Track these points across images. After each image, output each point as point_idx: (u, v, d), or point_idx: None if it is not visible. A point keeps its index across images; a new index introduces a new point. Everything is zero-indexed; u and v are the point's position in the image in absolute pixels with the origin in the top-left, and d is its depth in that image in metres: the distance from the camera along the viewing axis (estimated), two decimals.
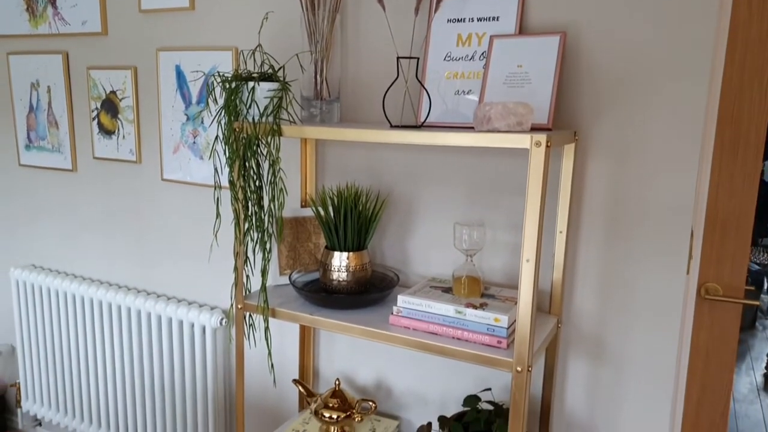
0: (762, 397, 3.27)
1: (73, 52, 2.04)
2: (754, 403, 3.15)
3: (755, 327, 3.77)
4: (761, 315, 3.82)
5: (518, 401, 1.14)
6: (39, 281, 2.16)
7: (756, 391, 3.21)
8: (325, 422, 1.49)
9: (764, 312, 3.84)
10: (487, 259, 1.48)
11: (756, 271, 3.69)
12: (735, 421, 2.88)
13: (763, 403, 3.20)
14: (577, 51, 1.31)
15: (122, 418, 2.07)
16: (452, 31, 1.40)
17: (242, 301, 1.44)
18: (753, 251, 4.05)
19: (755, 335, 3.78)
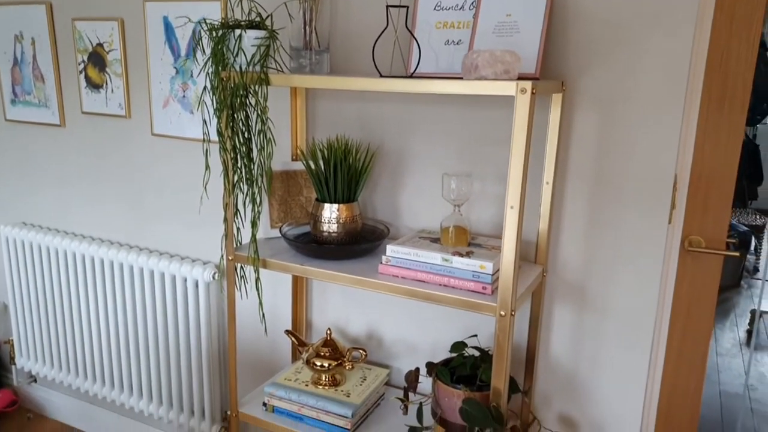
0: (743, 351, 3.35)
1: (57, 2, 2.00)
2: (736, 356, 3.24)
3: (740, 285, 3.84)
4: (747, 274, 3.90)
5: (502, 344, 1.17)
6: (30, 238, 2.17)
7: (738, 346, 3.29)
8: (317, 370, 1.52)
9: (750, 271, 3.91)
10: (475, 210, 1.50)
11: (744, 231, 3.74)
12: (717, 374, 2.96)
13: (744, 357, 3.28)
14: (566, 1, 1.30)
15: (116, 372, 2.11)
16: None
17: (233, 252, 1.46)
18: (742, 213, 4.10)
19: (740, 293, 3.86)
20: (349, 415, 1.42)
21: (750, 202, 3.98)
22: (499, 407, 1.18)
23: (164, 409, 2.02)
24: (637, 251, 1.36)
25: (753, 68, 1.47)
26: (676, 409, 1.79)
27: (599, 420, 1.46)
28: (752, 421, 2.41)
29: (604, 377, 1.44)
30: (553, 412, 1.50)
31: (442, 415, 1.30)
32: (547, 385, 1.50)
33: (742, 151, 4.25)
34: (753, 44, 1.46)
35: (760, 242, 3.97)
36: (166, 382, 2.00)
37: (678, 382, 1.76)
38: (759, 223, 3.86)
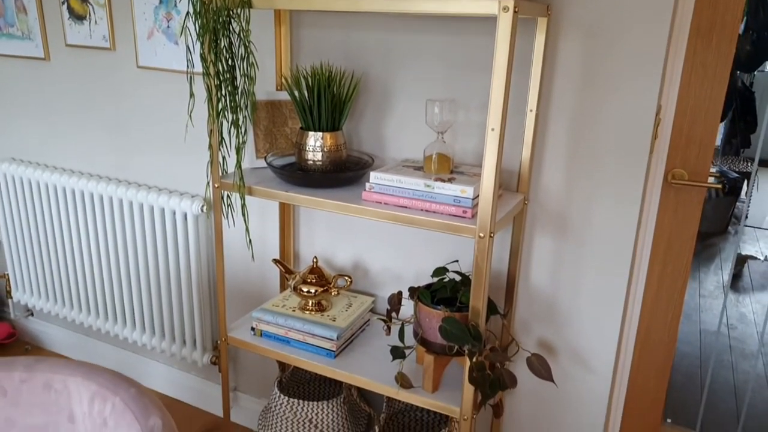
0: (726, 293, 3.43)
1: None
2: (718, 298, 3.30)
3: (728, 231, 3.89)
4: (735, 221, 3.94)
5: (480, 265, 1.20)
6: (19, 173, 2.18)
7: (722, 288, 3.36)
8: (304, 296, 1.56)
9: (738, 218, 3.95)
10: (460, 141, 1.51)
11: (734, 178, 3.76)
12: (699, 314, 3.03)
13: (727, 299, 3.36)
14: None
15: (110, 304, 2.15)
16: None
17: (219, 180, 1.47)
18: (734, 160, 4.11)
19: (727, 239, 3.92)
20: (335, 337, 1.47)
21: (742, 150, 3.99)
22: (477, 326, 1.23)
23: (157, 339, 2.08)
24: (617, 181, 1.38)
25: (743, 1, 1.45)
26: (654, 337, 1.85)
27: (576, 345, 1.51)
28: (730, 356, 2.49)
29: (582, 304, 1.48)
30: (533, 337, 1.55)
31: (423, 336, 1.35)
32: (526, 311, 1.54)
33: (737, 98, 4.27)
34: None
35: (749, 189, 4.00)
36: (158, 314, 2.05)
37: (657, 312, 1.82)
38: (750, 170, 3.87)
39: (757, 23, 3.62)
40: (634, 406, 1.94)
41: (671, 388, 2.09)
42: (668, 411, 2.01)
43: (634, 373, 1.91)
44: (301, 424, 1.61)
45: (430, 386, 1.35)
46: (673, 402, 2.08)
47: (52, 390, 0.89)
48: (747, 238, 4.09)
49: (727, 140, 3.93)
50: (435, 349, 1.34)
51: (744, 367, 2.50)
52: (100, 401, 0.87)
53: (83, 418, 0.87)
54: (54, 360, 0.93)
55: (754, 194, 4.21)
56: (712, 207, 3.62)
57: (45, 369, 0.91)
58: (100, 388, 0.88)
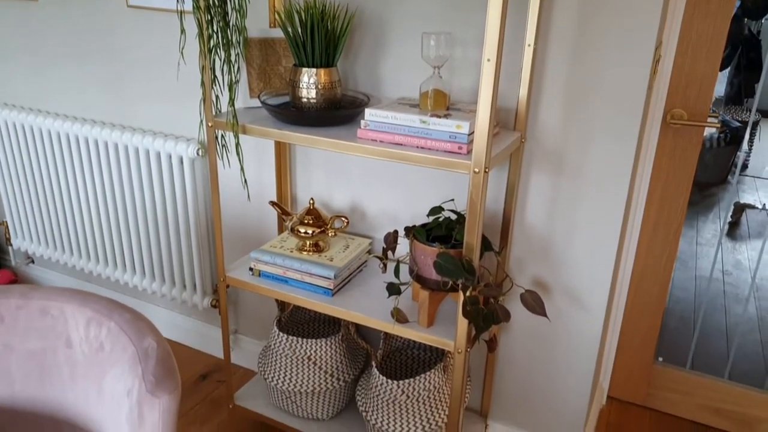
0: (723, 240, 3.44)
1: None
2: (716, 246, 3.32)
3: (727, 181, 3.87)
4: (734, 169, 3.91)
5: (475, 201, 1.20)
6: (13, 118, 2.16)
7: (718, 236, 3.38)
8: (301, 237, 1.57)
9: (739, 167, 3.92)
10: (457, 78, 1.48)
11: (737, 127, 3.71)
12: (696, 261, 3.06)
13: (724, 247, 3.38)
14: None
15: (110, 250, 2.17)
16: None
17: (212, 118, 1.46)
18: (737, 110, 4.05)
19: (727, 189, 3.91)
20: (332, 276, 1.48)
21: (746, 100, 3.92)
22: (471, 261, 1.24)
23: (157, 284, 2.10)
24: (614, 118, 1.36)
25: None
26: (648, 278, 1.87)
27: (570, 283, 1.53)
28: (723, 301, 2.52)
29: (577, 243, 1.49)
30: (527, 275, 1.57)
31: (419, 272, 1.36)
32: (521, 250, 1.55)
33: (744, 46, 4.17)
34: None
35: (751, 139, 3.96)
36: (157, 258, 2.06)
37: (652, 253, 1.83)
38: (753, 120, 3.82)
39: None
40: (627, 344, 1.98)
41: (664, 331, 2.13)
42: (661, 351, 2.05)
43: (628, 312, 1.94)
44: (300, 362, 1.64)
45: (425, 321, 1.37)
46: (666, 343, 2.12)
47: (49, 316, 0.91)
48: (746, 187, 4.08)
49: (730, 89, 3.86)
50: (430, 285, 1.35)
51: (737, 311, 2.54)
52: (96, 326, 0.88)
53: (80, 343, 0.89)
54: (49, 288, 0.94)
55: (755, 144, 4.18)
56: (712, 157, 3.59)
57: (40, 296, 0.93)
58: (95, 313, 0.89)
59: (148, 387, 0.78)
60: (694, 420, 1.99)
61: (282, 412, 1.73)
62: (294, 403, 1.69)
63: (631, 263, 1.86)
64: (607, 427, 1.95)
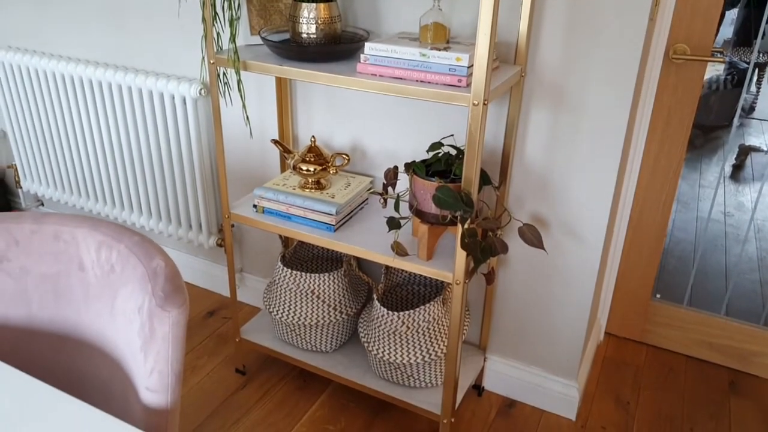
0: (726, 183, 3.45)
1: None
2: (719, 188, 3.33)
3: (732, 124, 3.84)
4: (743, 113, 3.87)
5: (474, 134, 1.22)
6: (17, 61, 2.16)
7: (722, 179, 3.38)
8: (303, 175, 1.60)
9: (746, 110, 3.88)
10: (457, 12, 1.47)
11: (744, 69, 3.66)
12: (698, 203, 3.07)
13: (728, 189, 3.39)
14: None
15: (116, 190, 2.21)
16: None
17: (213, 56, 1.46)
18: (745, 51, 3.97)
19: (732, 132, 3.87)
20: (334, 212, 1.52)
21: (755, 41, 3.85)
22: (469, 193, 1.26)
23: (164, 224, 2.15)
24: (614, 53, 1.35)
25: None
26: (647, 215, 1.90)
27: (569, 219, 1.56)
28: (724, 241, 2.55)
29: (575, 178, 1.51)
30: (526, 210, 1.60)
31: (418, 207, 1.39)
32: (521, 186, 1.58)
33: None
34: None
35: (759, 81, 3.90)
36: (163, 199, 2.10)
37: (651, 191, 1.85)
38: (761, 61, 3.75)
39: None
40: (625, 281, 2.02)
41: (663, 269, 2.17)
42: (659, 288, 2.09)
43: (627, 250, 1.97)
44: (304, 296, 1.70)
45: (424, 254, 1.41)
46: (664, 281, 2.16)
47: (61, 240, 0.95)
48: (753, 131, 4.05)
49: (739, 29, 3.78)
50: (429, 219, 1.38)
51: (737, 251, 2.57)
52: (107, 249, 0.92)
53: (92, 266, 0.93)
54: (60, 214, 0.98)
55: (764, 86, 4.11)
56: (718, 99, 3.55)
57: (53, 221, 0.96)
58: (105, 237, 0.93)
59: (157, 302, 0.82)
60: (690, 354, 2.06)
61: (287, 345, 1.81)
62: (298, 336, 1.75)
63: (631, 200, 1.88)
64: (604, 361, 2.02)
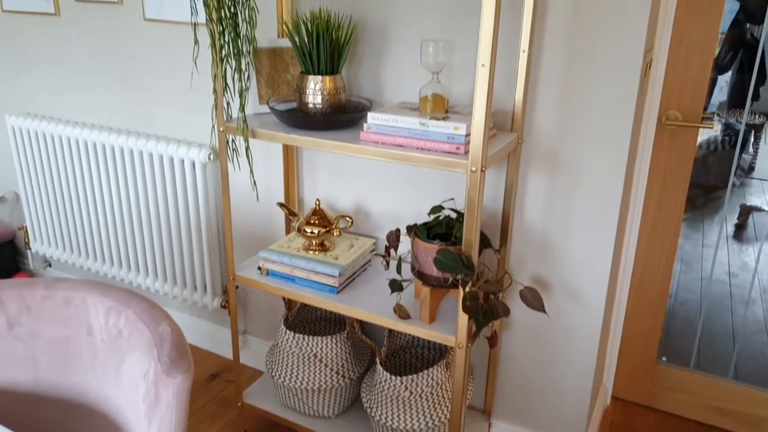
0: (729, 243, 3.45)
1: None
2: (722, 248, 3.33)
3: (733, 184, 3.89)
4: (741, 173, 3.93)
5: (473, 199, 1.25)
6: (34, 127, 2.25)
7: (725, 239, 3.39)
8: (307, 237, 1.63)
9: (745, 170, 3.94)
10: (456, 83, 1.54)
11: (740, 130, 3.74)
12: (701, 263, 3.07)
13: (731, 249, 3.39)
14: None
15: (124, 252, 2.25)
16: None
17: (223, 123, 1.53)
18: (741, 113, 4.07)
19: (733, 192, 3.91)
20: (337, 274, 1.54)
21: (751, 103, 3.95)
22: (470, 256, 1.29)
23: (169, 285, 2.17)
24: (607, 120, 1.41)
25: None
26: (649, 277, 1.91)
27: (569, 281, 1.57)
28: (729, 302, 2.54)
29: (575, 241, 1.53)
30: (527, 273, 1.61)
31: (420, 269, 1.42)
32: (521, 248, 1.60)
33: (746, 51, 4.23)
34: None
35: (757, 142, 3.98)
36: (170, 260, 2.13)
37: (652, 252, 1.87)
38: (758, 123, 3.84)
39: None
40: (630, 343, 2.01)
41: (669, 332, 2.16)
42: (665, 351, 2.07)
43: (630, 312, 1.97)
44: (306, 359, 1.70)
45: (427, 317, 1.42)
46: (671, 343, 2.14)
47: (72, 306, 0.97)
48: (753, 190, 4.09)
49: (733, 92, 3.89)
50: (431, 281, 1.41)
51: (743, 312, 2.56)
52: (115, 314, 0.94)
53: (100, 331, 0.96)
54: (72, 279, 1.01)
55: (761, 147, 4.18)
56: (717, 159, 3.62)
57: (64, 287, 0.99)
58: (114, 302, 0.96)
59: (163, 368, 0.84)
60: (699, 420, 2.02)
61: (289, 410, 1.79)
62: (301, 401, 1.74)
63: (632, 262, 1.90)
64: (612, 426, 1.98)
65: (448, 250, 1.32)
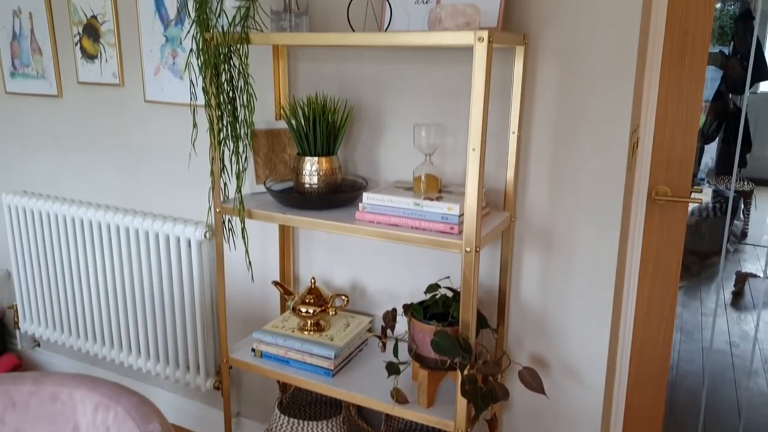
0: (728, 311, 3.43)
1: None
2: (720, 316, 3.31)
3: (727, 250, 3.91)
4: (734, 239, 3.97)
5: (468, 279, 1.25)
6: (30, 206, 2.26)
7: (723, 306, 3.37)
8: (302, 317, 1.61)
9: (737, 236, 3.98)
10: (449, 163, 1.58)
11: (734, 198, 3.80)
12: (701, 332, 3.04)
13: (729, 317, 3.36)
14: None
15: (116, 332, 2.21)
16: None
17: (220, 204, 1.54)
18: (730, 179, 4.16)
19: (727, 258, 3.93)
20: (332, 356, 1.51)
21: (739, 170, 4.04)
22: (467, 338, 1.27)
23: (162, 366, 2.12)
24: (597, 197, 1.43)
25: (711, 23, 1.54)
26: (648, 353, 1.88)
27: (568, 359, 1.55)
28: (732, 374, 2.49)
29: (571, 318, 1.52)
30: (525, 351, 1.59)
31: (417, 351, 1.39)
32: (518, 326, 1.58)
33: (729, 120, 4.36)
34: (709, 1, 1.52)
35: (747, 208, 4.04)
36: (162, 340, 2.10)
37: (649, 327, 1.85)
38: (746, 189, 3.92)
39: (744, 47, 3.72)
40: (633, 421, 1.95)
41: (673, 406, 2.10)
42: (669, 427, 2.02)
43: (631, 388, 1.93)
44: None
45: (425, 401, 1.39)
46: (675, 419, 2.09)
47: (59, 401, 0.95)
48: (747, 256, 4.11)
49: (720, 160, 3.99)
50: (429, 364, 1.38)
51: (746, 384, 2.50)
52: (104, 411, 0.92)
53: (87, 428, 0.93)
54: (60, 374, 0.98)
55: (752, 213, 4.25)
56: (709, 226, 3.66)
57: (52, 382, 0.97)
58: (103, 398, 0.93)
59: None
60: None
61: None
62: None
63: (630, 337, 1.87)
64: None
65: (445, 331, 1.30)
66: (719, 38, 4.76)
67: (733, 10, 4.96)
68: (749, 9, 3.95)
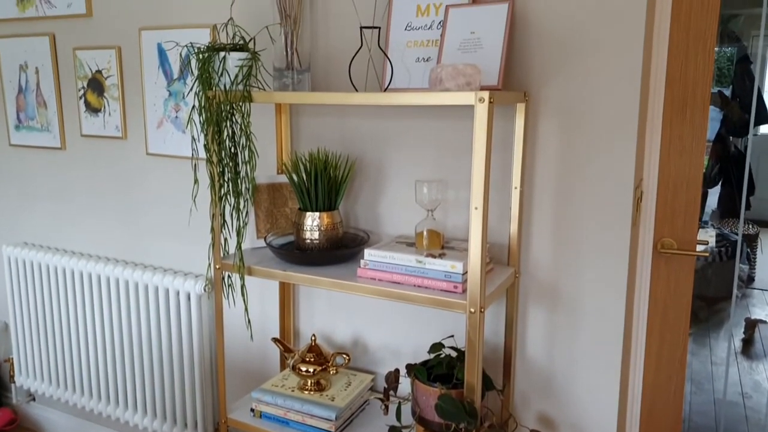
0: (739, 359, 3.36)
1: (59, 34, 2.12)
2: (731, 365, 3.24)
3: (735, 295, 3.85)
4: (741, 284, 3.91)
5: (473, 340, 1.22)
6: (30, 257, 2.25)
7: (734, 355, 3.30)
8: (303, 376, 1.57)
9: (744, 281, 3.93)
10: (451, 217, 1.56)
11: (736, 241, 3.77)
12: (712, 382, 2.97)
13: (740, 366, 3.29)
14: (526, 19, 1.39)
15: (112, 387, 2.16)
16: (412, 2, 1.48)
17: (220, 261, 1.52)
18: (734, 223, 4.13)
19: (735, 303, 3.87)
20: (333, 417, 1.47)
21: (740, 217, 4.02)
22: (472, 402, 1.23)
23: (158, 422, 2.06)
24: (602, 252, 1.41)
25: (711, 76, 1.55)
26: (659, 409, 1.83)
27: (576, 418, 1.50)
28: (746, 427, 2.42)
29: (579, 376, 1.48)
30: (532, 411, 1.54)
31: (421, 414, 1.35)
32: (525, 384, 1.54)
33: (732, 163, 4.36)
34: (709, 53, 1.54)
35: (753, 252, 4.00)
36: (160, 396, 2.05)
37: (659, 382, 1.80)
38: (752, 233, 3.89)
39: (743, 90, 3.76)
40: None
41: None
42: None
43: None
44: None
45: None
46: None
47: None
48: (756, 301, 4.05)
49: (724, 203, 3.97)
50: (433, 427, 1.33)
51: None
52: None
53: None
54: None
55: (759, 256, 4.20)
56: (715, 271, 3.62)
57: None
58: None
59: None
60: None
61: None
62: None
63: (639, 394, 1.82)
64: None
65: (449, 395, 1.26)
66: (717, 79, 4.82)
67: (730, 51, 5.04)
68: (746, 54, 4.01)
